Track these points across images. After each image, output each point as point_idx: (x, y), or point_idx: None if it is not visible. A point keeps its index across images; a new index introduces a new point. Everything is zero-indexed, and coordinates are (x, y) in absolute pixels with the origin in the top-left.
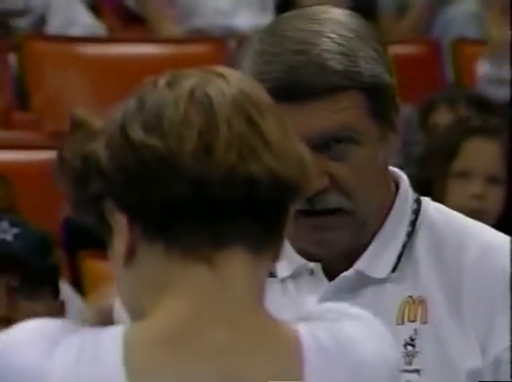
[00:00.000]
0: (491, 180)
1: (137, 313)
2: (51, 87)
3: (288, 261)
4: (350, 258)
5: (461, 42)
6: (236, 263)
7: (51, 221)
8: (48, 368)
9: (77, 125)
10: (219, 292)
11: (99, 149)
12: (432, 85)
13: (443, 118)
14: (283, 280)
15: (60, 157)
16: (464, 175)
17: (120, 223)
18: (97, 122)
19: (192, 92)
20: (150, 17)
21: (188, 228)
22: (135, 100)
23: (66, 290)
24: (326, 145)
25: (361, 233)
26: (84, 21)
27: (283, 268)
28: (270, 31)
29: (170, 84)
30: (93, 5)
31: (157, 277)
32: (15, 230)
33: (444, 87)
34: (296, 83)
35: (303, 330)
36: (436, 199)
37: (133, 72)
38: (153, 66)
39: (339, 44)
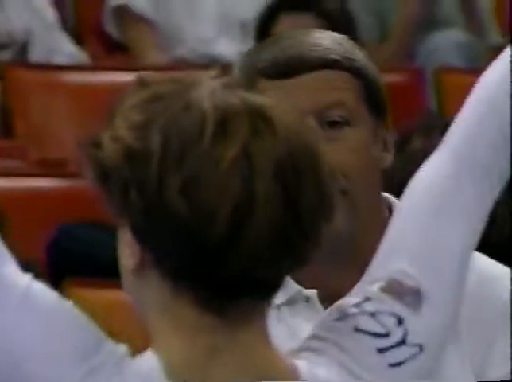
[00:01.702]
0: None
1: (143, 315)
2: (35, 114)
3: (284, 287)
4: (344, 285)
5: (444, 71)
6: (247, 312)
7: (35, 249)
8: None
9: (115, 137)
10: (227, 339)
11: (131, 178)
12: (414, 114)
13: (419, 145)
14: (278, 307)
15: (93, 155)
16: None
17: (132, 242)
18: (135, 143)
19: (236, 157)
20: (132, 45)
21: (196, 285)
22: (178, 142)
23: None
24: (321, 124)
25: (356, 220)
26: (67, 50)
27: (278, 295)
28: (257, 45)
29: (217, 136)
30: (75, 34)
31: (163, 302)
32: None
33: (427, 115)
34: (289, 58)
35: (302, 368)
36: None
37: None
38: None
39: (336, 41)
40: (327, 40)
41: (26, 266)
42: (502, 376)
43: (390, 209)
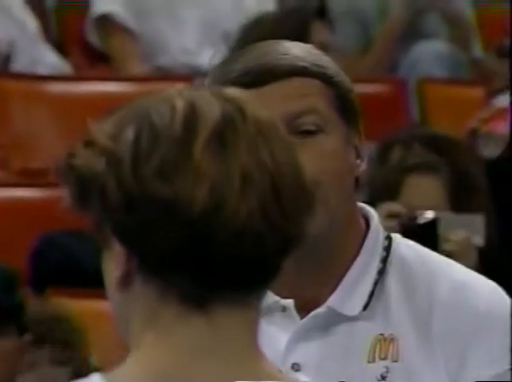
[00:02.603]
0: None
1: (126, 335)
2: (17, 124)
3: None
4: (321, 295)
5: (427, 81)
6: (232, 312)
7: (18, 258)
8: None
9: (89, 141)
10: (212, 341)
11: (107, 175)
12: (397, 124)
13: (399, 156)
14: None
15: (69, 164)
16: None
17: (117, 251)
18: (108, 143)
19: (209, 136)
20: (114, 55)
21: (185, 275)
22: (149, 131)
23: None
24: (294, 133)
25: (331, 227)
26: (49, 60)
27: None
28: (228, 57)
29: (188, 122)
30: (58, 45)
31: (148, 312)
32: None
33: (410, 126)
34: (259, 67)
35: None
36: None
37: (99, 110)
38: (118, 103)
39: (305, 50)
40: (296, 49)
41: (10, 275)
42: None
43: (366, 219)
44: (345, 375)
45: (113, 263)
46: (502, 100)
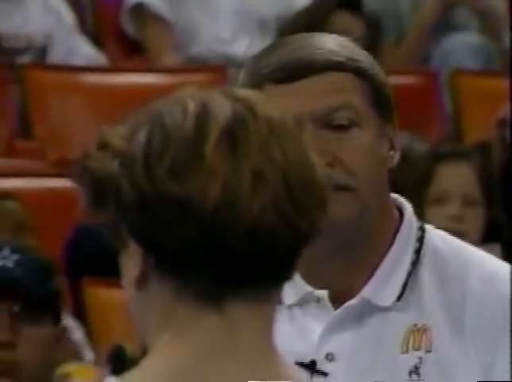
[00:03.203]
0: (468, 202)
1: (144, 333)
2: (53, 115)
3: (295, 288)
4: (355, 286)
5: (459, 73)
6: (247, 309)
7: (54, 248)
8: None
9: (103, 144)
10: (228, 339)
11: (121, 176)
12: (430, 115)
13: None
14: (290, 307)
15: (84, 166)
16: (440, 200)
17: (134, 251)
18: (121, 144)
19: (221, 135)
20: (149, 45)
21: (200, 273)
22: (161, 132)
23: (67, 321)
24: (328, 127)
25: (365, 218)
26: (85, 52)
27: (290, 295)
28: (267, 47)
29: (200, 120)
30: (93, 36)
31: (164, 311)
32: (16, 256)
33: (442, 117)
34: (293, 62)
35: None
36: None
37: (134, 101)
38: (153, 94)
39: (340, 43)
40: (331, 43)
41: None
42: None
43: (400, 210)
44: (378, 365)
45: (130, 263)
46: None
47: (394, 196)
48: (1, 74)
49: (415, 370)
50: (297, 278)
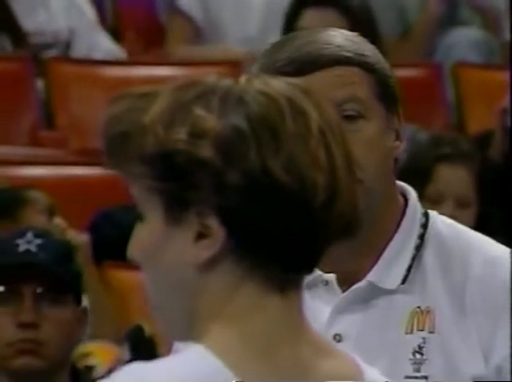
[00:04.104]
0: (462, 203)
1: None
2: (75, 107)
3: None
4: (362, 269)
5: (462, 66)
6: (297, 294)
7: (76, 232)
8: None
9: (198, 129)
10: (290, 321)
11: (226, 162)
12: (433, 107)
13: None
14: None
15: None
16: (436, 200)
17: (214, 231)
18: (219, 129)
19: (318, 132)
20: (170, 38)
21: (278, 259)
22: (266, 129)
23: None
24: None
25: (373, 208)
26: (106, 46)
27: None
28: (279, 41)
29: (295, 117)
30: (113, 31)
31: (226, 294)
32: (39, 241)
33: (445, 109)
34: (303, 56)
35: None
36: None
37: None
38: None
39: (347, 38)
40: (339, 38)
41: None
42: (503, 358)
43: (404, 197)
44: (384, 345)
45: (195, 246)
46: None
47: (399, 182)
48: (26, 68)
49: (419, 350)
50: None
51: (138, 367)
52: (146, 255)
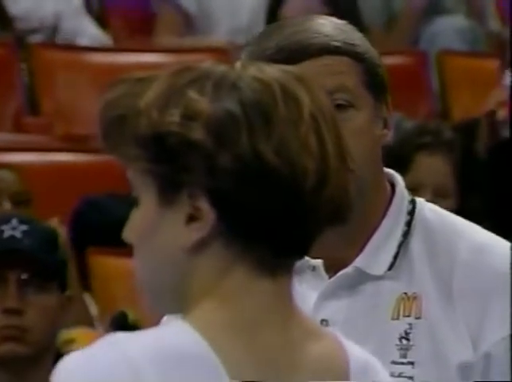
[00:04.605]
0: (440, 193)
1: (169, 299)
2: (60, 93)
3: None
4: (348, 256)
5: (446, 54)
6: (287, 278)
7: (60, 219)
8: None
9: (191, 112)
10: (280, 303)
11: (218, 145)
12: (418, 95)
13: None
14: None
15: (121, 115)
16: (414, 189)
17: (204, 213)
18: (212, 112)
19: (312, 117)
20: (159, 27)
21: (269, 242)
22: (255, 108)
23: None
24: None
25: (362, 197)
26: (91, 32)
27: None
28: (267, 29)
29: (288, 98)
30: (98, 17)
31: (215, 276)
32: (24, 227)
33: (430, 96)
34: (292, 45)
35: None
36: None
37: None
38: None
39: (336, 27)
40: (328, 27)
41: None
42: (500, 337)
43: (392, 184)
44: (370, 331)
45: (186, 227)
46: None
47: (386, 170)
48: (11, 53)
49: (405, 335)
50: None
51: (119, 337)
52: (140, 236)
